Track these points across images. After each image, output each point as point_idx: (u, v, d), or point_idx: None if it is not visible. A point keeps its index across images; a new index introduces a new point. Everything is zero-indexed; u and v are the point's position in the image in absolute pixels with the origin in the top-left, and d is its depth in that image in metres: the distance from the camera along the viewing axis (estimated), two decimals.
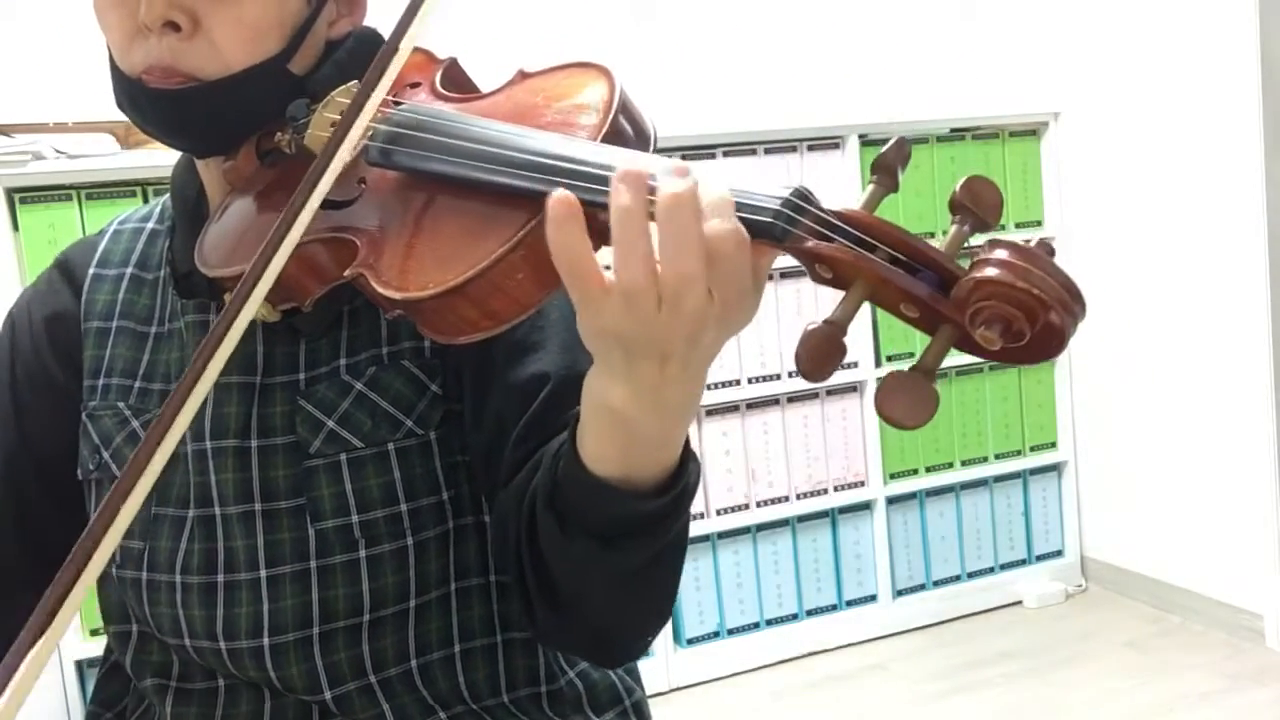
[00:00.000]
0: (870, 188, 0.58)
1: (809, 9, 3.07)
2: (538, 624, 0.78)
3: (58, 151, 2.17)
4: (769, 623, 2.81)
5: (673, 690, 2.68)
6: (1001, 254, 0.53)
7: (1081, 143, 2.97)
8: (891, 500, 2.90)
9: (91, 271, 0.94)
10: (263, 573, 0.83)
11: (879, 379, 2.83)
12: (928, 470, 2.95)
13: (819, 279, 0.57)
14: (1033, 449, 3.08)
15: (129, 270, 0.93)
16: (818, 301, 2.79)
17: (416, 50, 0.86)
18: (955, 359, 3.14)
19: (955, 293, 0.54)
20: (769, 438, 2.77)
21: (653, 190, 0.56)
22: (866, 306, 0.57)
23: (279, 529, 0.83)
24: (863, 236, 0.56)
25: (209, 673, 0.87)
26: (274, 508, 0.83)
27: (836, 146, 2.74)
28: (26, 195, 2.14)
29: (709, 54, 2.93)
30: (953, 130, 2.90)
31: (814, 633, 2.83)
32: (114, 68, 0.83)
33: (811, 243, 0.56)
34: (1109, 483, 3.05)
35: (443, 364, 0.85)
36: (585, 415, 0.65)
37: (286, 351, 0.85)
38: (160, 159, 2.14)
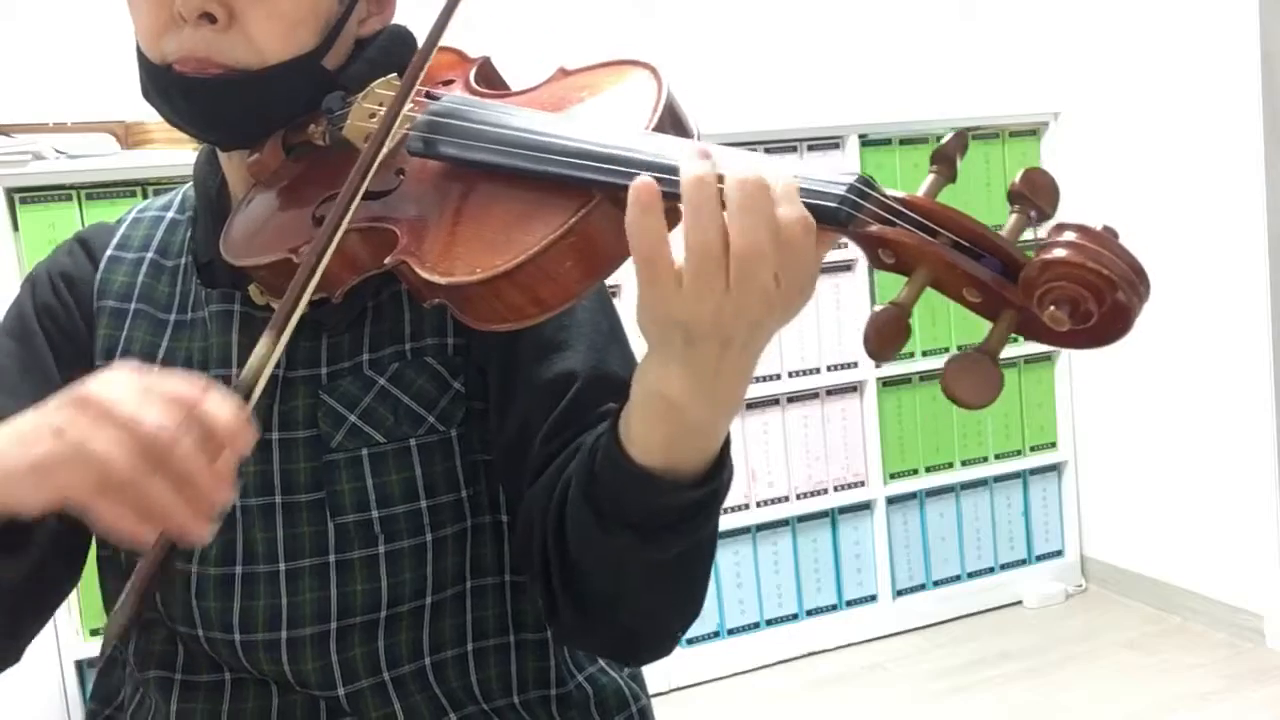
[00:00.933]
0: (930, 177, 0.60)
1: (809, 9, 3.06)
2: (562, 623, 0.78)
3: (58, 151, 2.16)
4: (769, 623, 2.81)
5: (673, 690, 2.68)
6: (1070, 236, 0.55)
7: (1081, 143, 2.97)
8: (891, 500, 2.90)
9: (110, 253, 0.94)
10: (281, 566, 0.83)
11: (878, 380, 2.85)
12: (928, 470, 2.95)
13: (880, 264, 0.58)
14: (1033, 449, 3.08)
15: (149, 255, 0.93)
16: (817, 307, 2.79)
17: (447, 49, 0.87)
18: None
19: (1024, 274, 0.55)
20: (769, 438, 2.77)
21: (720, 177, 0.57)
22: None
23: (299, 522, 0.83)
24: (925, 221, 0.57)
25: (215, 665, 0.86)
26: (294, 501, 0.83)
27: (836, 146, 2.74)
28: (26, 195, 2.14)
29: (709, 53, 2.93)
30: (953, 130, 2.89)
31: (814, 633, 2.83)
32: (141, 57, 0.83)
33: (876, 227, 0.57)
34: (1109, 483, 3.05)
35: (466, 361, 0.85)
36: (635, 403, 0.65)
37: (309, 346, 0.85)
38: (160, 159, 2.14)
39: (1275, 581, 2.63)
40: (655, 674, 2.65)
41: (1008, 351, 2.62)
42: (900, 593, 2.94)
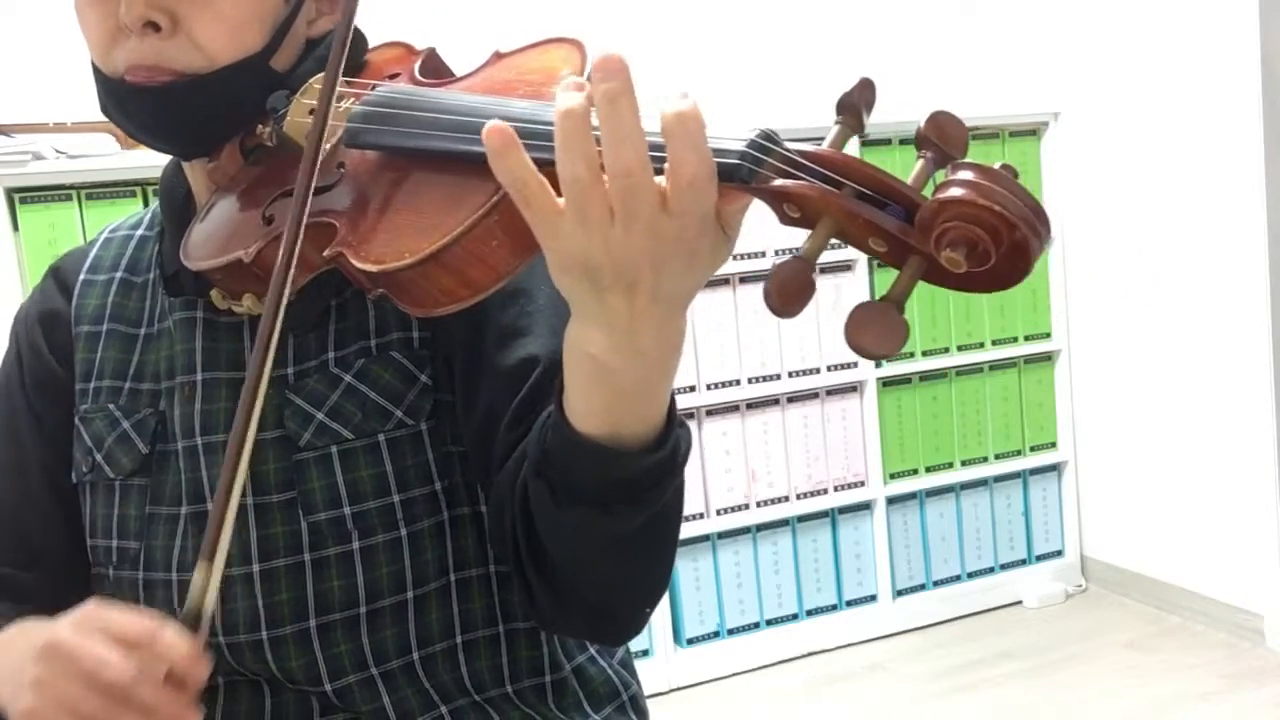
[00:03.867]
0: (835, 128, 0.58)
1: (808, 8, 3.07)
2: (538, 608, 0.79)
3: (58, 151, 2.17)
4: (769, 623, 2.81)
5: (673, 690, 2.68)
6: (966, 175, 0.53)
7: (1081, 143, 2.97)
8: (891, 500, 2.90)
9: (82, 277, 0.95)
10: (256, 567, 0.83)
11: (878, 380, 2.85)
12: (928, 470, 2.95)
13: (787, 220, 0.57)
14: (1033, 449, 3.08)
15: (119, 274, 0.94)
16: (817, 307, 2.79)
17: (395, 44, 0.88)
18: (956, 359, 3.12)
19: (920, 217, 0.53)
20: (769, 438, 2.78)
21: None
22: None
23: (271, 523, 0.83)
24: (828, 173, 0.56)
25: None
26: (265, 501, 0.83)
27: None
28: (26, 195, 2.14)
29: (708, 51, 2.93)
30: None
31: (814, 633, 2.83)
32: (96, 71, 0.84)
33: (778, 182, 0.56)
34: (1109, 483, 3.05)
35: (432, 354, 0.86)
36: (567, 370, 0.65)
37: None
38: (160, 159, 2.13)
39: (1275, 581, 2.63)
40: (655, 674, 2.65)
41: (1008, 351, 2.64)
42: (900, 593, 2.94)
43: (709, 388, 2.70)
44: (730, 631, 2.77)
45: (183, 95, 0.81)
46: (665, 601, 2.67)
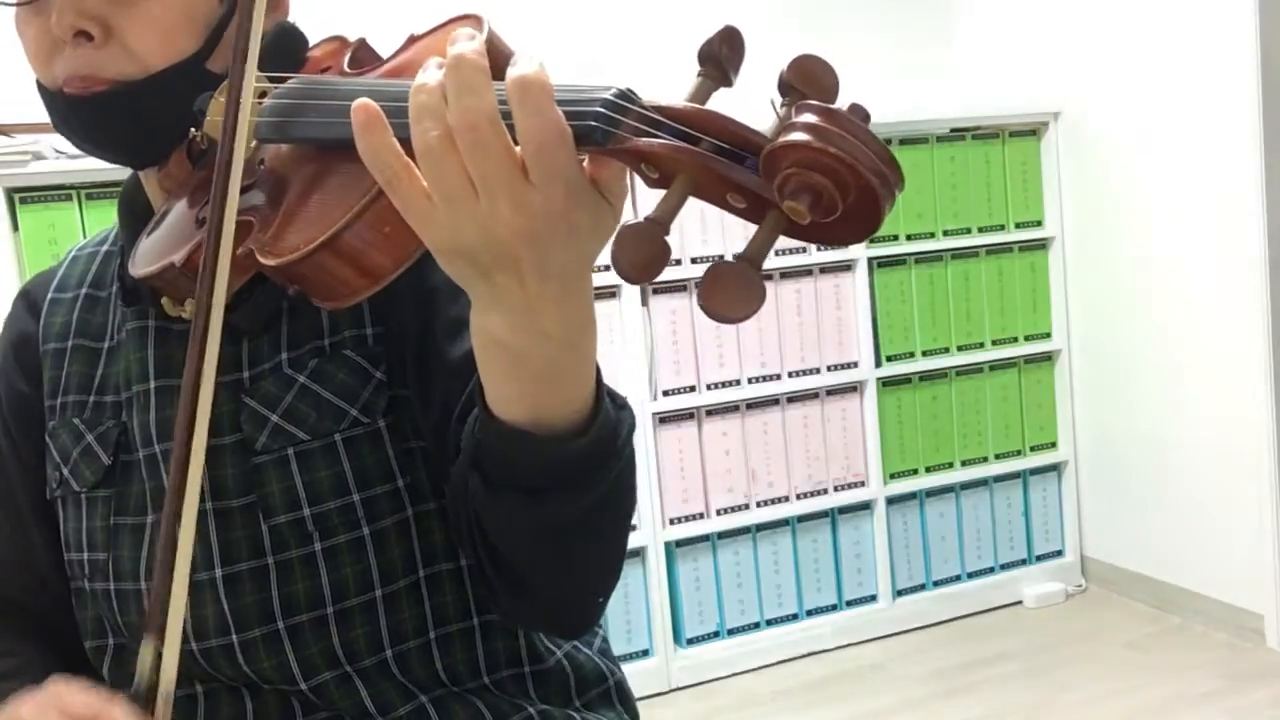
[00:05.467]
0: (696, 80, 0.56)
1: (808, 8, 3.07)
2: (499, 602, 0.79)
3: (58, 151, 2.17)
4: (769, 623, 2.81)
5: (673, 690, 2.68)
6: (808, 118, 0.49)
7: (1081, 143, 2.97)
8: (891, 500, 2.91)
9: (50, 296, 0.95)
10: (219, 572, 0.83)
11: (878, 380, 2.85)
12: (928, 470, 2.95)
13: (649, 182, 0.55)
14: (1033, 449, 3.08)
15: (84, 290, 0.94)
16: (818, 307, 2.79)
17: (332, 39, 0.86)
18: (956, 359, 3.12)
19: (762, 164, 0.50)
20: (769, 438, 2.77)
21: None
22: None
23: (232, 527, 0.83)
24: (685, 130, 0.54)
25: (187, 680, 0.86)
26: (225, 506, 0.83)
27: None
28: (26, 195, 2.14)
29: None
30: (953, 130, 2.89)
31: (814, 633, 2.83)
32: (40, 87, 0.84)
33: (633, 142, 0.53)
34: (1109, 483, 3.05)
35: (386, 350, 0.85)
36: (478, 357, 0.64)
37: (229, 351, 0.84)
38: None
39: (1275, 581, 2.63)
40: (655, 674, 2.65)
41: (1008, 351, 2.63)
42: (900, 593, 2.94)
43: (709, 388, 2.70)
44: (730, 631, 2.77)
45: (119, 103, 0.81)
46: (665, 601, 2.68)
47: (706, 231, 2.65)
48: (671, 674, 2.69)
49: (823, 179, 0.48)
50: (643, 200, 0.65)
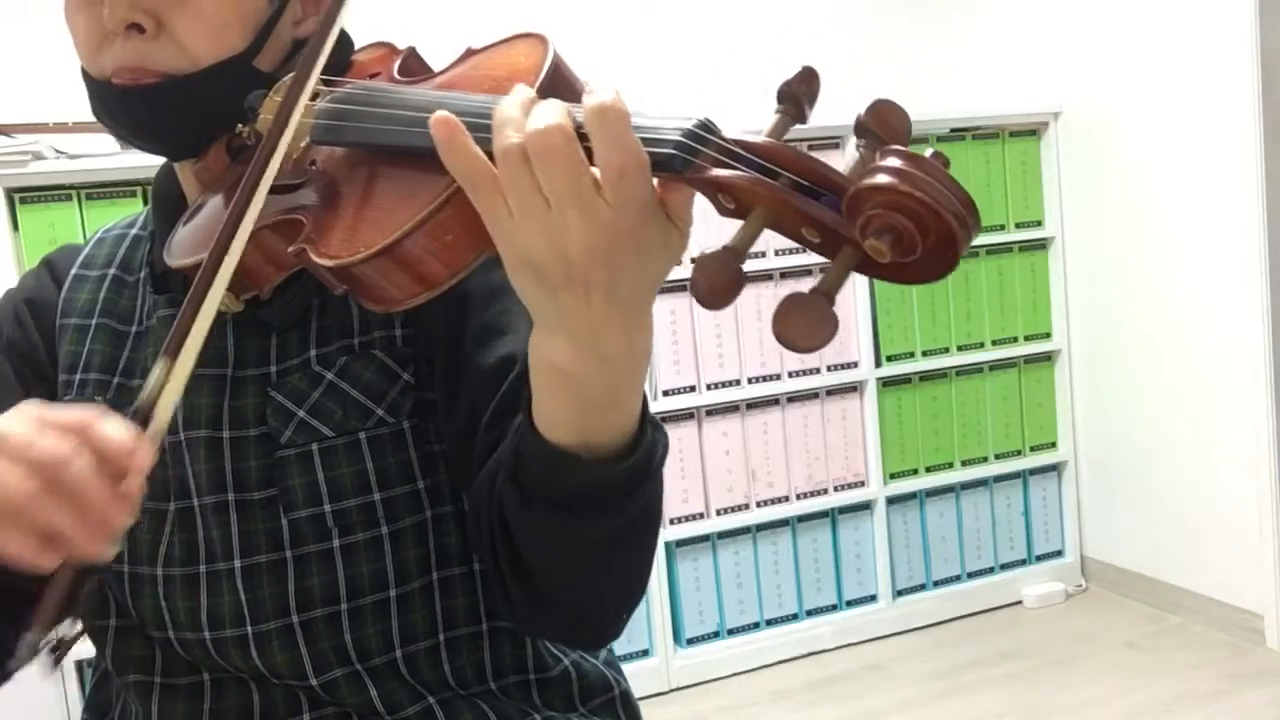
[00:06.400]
0: (776, 117, 0.58)
1: (808, 8, 3.07)
2: (516, 612, 0.79)
3: (58, 151, 2.17)
4: (769, 623, 2.81)
5: (673, 690, 2.68)
6: (893, 161, 0.51)
7: (1081, 143, 2.97)
8: (891, 500, 2.90)
9: (74, 272, 0.95)
10: (238, 563, 0.83)
11: (878, 380, 2.85)
12: (928, 470, 2.95)
13: (724, 210, 0.57)
14: (1033, 449, 3.08)
15: (111, 271, 0.95)
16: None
17: (379, 44, 0.88)
18: (956, 359, 3.12)
19: (846, 204, 0.52)
20: (769, 438, 2.77)
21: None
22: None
23: (253, 519, 0.84)
24: (764, 163, 0.55)
25: (193, 667, 0.87)
26: (246, 498, 0.84)
27: (836, 146, 2.74)
28: (26, 195, 2.15)
29: (709, 52, 2.93)
30: (953, 130, 2.90)
31: (814, 633, 2.83)
32: (85, 75, 0.84)
33: (713, 172, 0.55)
34: (1109, 483, 3.05)
35: (415, 352, 0.85)
36: (534, 380, 0.65)
37: (257, 345, 0.86)
38: (159, 160, 2.14)
39: (1275, 581, 2.63)
40: (655, 674, 2.65)
41: (1008, 351, 2.64)
42: (900, 593, 2.94)
43: (709, 388, 2.70)
44: (730, 631, 2.77)
45: (167, 96, 0.82)
46: (665, 601, 2.68)
47: (709, 235, 2.65)
48: (671, 674, 2.69)
49: (905, 221, 0.50)
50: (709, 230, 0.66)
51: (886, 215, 0.50)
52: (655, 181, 0.58)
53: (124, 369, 0.90)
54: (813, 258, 3.00)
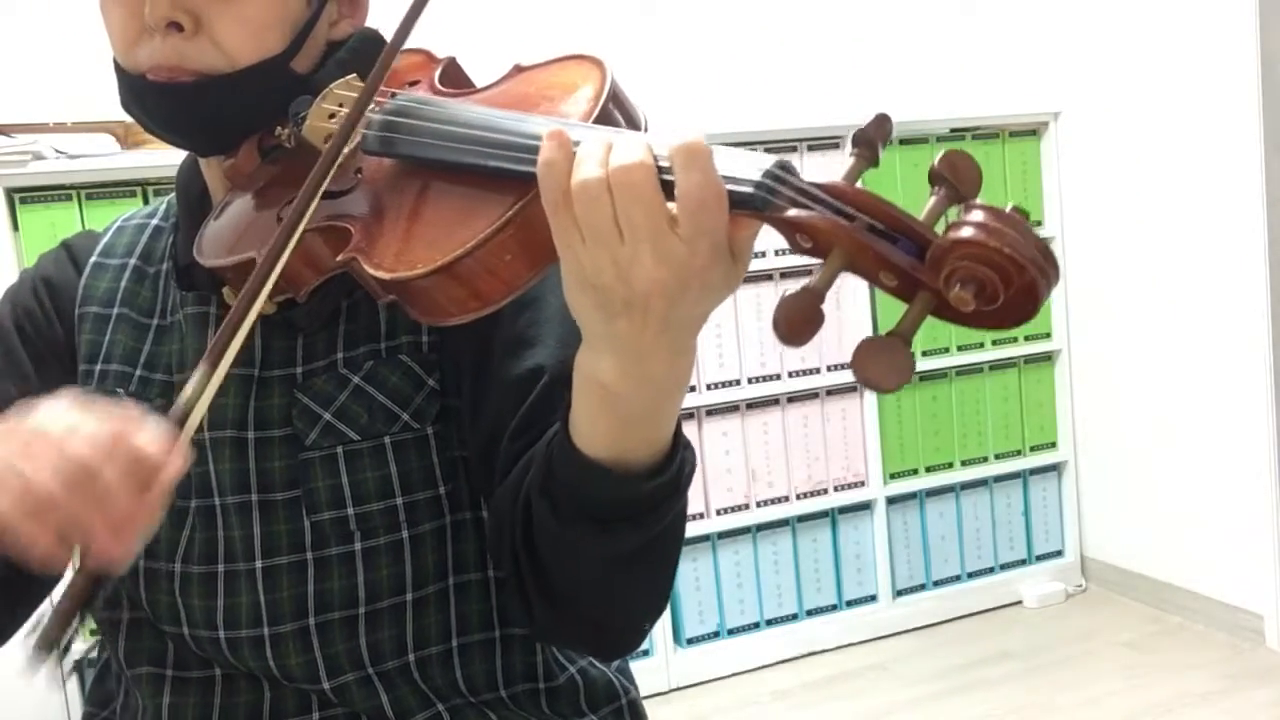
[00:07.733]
0: (851, 161, 0.60)
1: (809, 8, 3.07)
2: (535, 620, 0.79)
3: (58, 151, 2.17)
4: (769, 623, 2.81)
5: (673, 690, 2.68)
6: (978, 216, 0.54)
7: (1081, 143, 2.97)
8: (891, 500, 2.90)
9: (94, 259, 0.95)
10: (259, 563, 0.84)
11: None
12: (928, 470, 2.95)
13: (799, 249, 0.59)
14: (1033, 449, 3.08)
15: (132, 261, 0.94)
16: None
17: (415, 50, 0.87)
18: (956, 359, 3.12)
19: (931, 254, 0.54)
20: (769, 438, 2.77)
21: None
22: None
23: (275, 520, 0.84)
24: (841, 206, 0.57)
25: (204, 662, 0.87)
26: (270, 499, 0.84)
27: (836, 146, 2.74)
28: (26, 195, 2.14)
29: (710, 52, 2.93)
30: (953, 130, 2.90)
31: (814, 633, 2.83)
32: (118, 68, 0.84)
33: (792, 212, 0.57)
34: (1109, 483, 3.05)
35: (441, 359, 0.86)
36: (576, 395, 0.66)
37: (285, 346, 0.86)
38: (160, 159, 2.14)
39: (1275, 581, 2.63)
40: (655, 674, 2.65)
41: (1007, 351, 2.64)
42: (900, 593, 2.94)
43: (709, 388, 2.70)
44: (730, 631, 2.77)
45: (203, 95, 0.82)
46: None
47: None
48: (671, 674, 2.69)
49: (990, 272, 0.53)
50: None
51: (972, 267, 0.53)
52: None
53: (146, 362, 0.90)
54: (812, 258, 2.97)
